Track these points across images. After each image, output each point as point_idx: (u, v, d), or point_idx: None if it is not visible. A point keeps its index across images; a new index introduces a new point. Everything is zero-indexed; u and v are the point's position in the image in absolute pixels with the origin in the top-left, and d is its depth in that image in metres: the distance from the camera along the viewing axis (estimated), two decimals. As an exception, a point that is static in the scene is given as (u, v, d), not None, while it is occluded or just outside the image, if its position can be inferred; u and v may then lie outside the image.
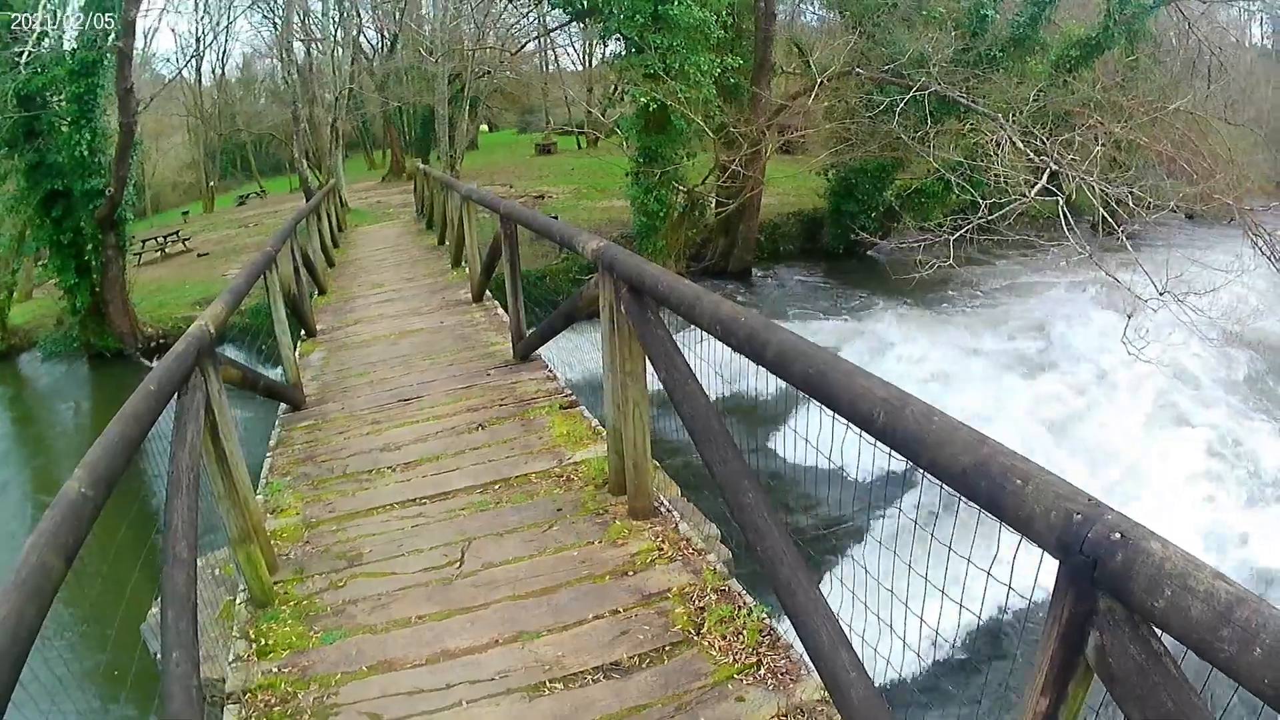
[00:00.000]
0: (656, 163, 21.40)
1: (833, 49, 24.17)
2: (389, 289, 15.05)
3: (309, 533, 5.92)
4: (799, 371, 3.09)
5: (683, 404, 4.35)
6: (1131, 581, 1.80)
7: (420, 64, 38.74)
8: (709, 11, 20.53)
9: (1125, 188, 17.75)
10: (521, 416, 7.71)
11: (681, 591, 4.78)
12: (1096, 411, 17.54)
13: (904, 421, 2.54)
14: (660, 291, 4.50)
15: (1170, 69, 29.83)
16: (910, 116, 21.03)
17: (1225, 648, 1.58)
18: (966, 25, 23.85)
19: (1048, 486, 2.06)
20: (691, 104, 20.60)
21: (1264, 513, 14.70)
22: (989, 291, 25.53)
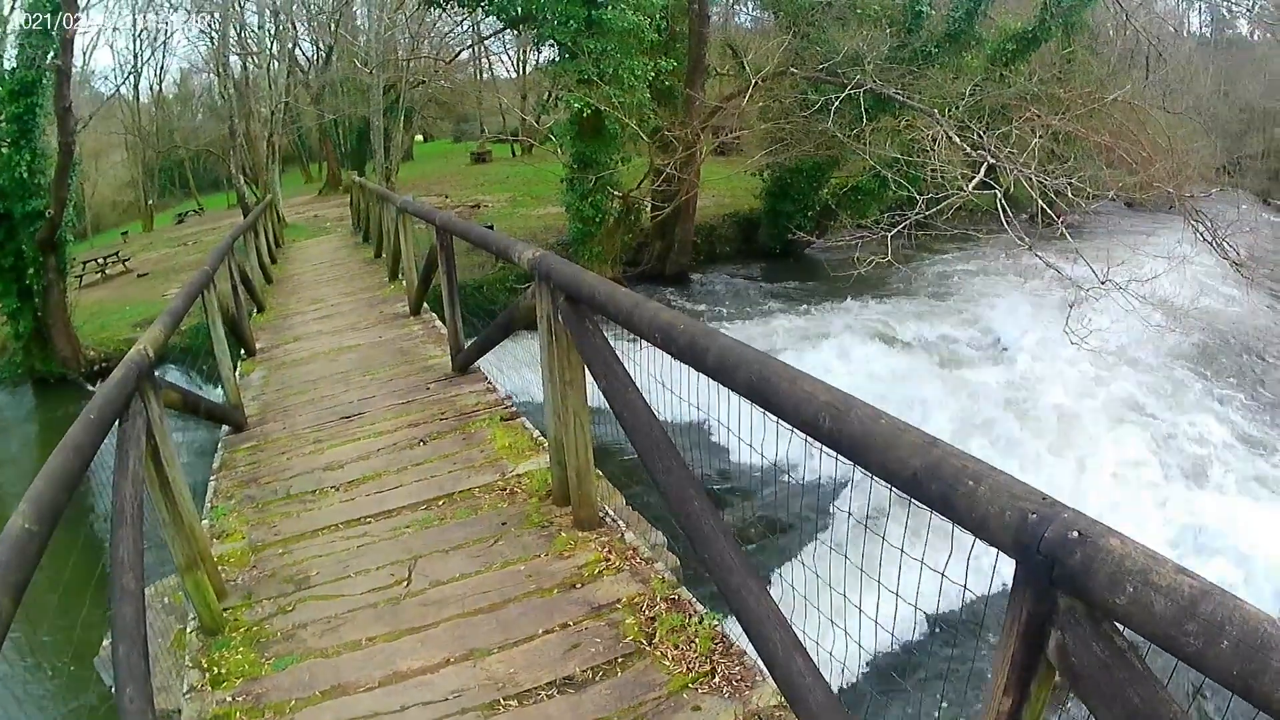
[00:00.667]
0: (591, 168, 21.15)
1: (767, 49, 24.09)
2: (327, 304, 14.86)
3: (255, 557, 5.80)
4: (741, 378, 3.04)
5: (623, 413, 4.35)
6: (1092, 580, 1.78)
7: (355, 75, 38.61)
8: (643, 15, 20.32)
9: (1064, 179, 17.79)
10: (462, 430, 7.62)
11: (631, 602, 4.74)
12: (1041, 403, 17.49)
13: (850, 425, 2.52)
14: (598, 300, 4.44)
15: (1108, 60, 30.10)
16: (846, 115, 20.96)
17: (1192, 642, 1.58)
18: (902, 22, 23.91)
19: (1001, 487, 2.04)
20: (626, 108, 20.39)
21: (1217, 499, 14.82)
22: (929, 286, 25.58)
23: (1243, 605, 1.56)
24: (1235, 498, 15.04)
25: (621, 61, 20.01)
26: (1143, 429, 16.91)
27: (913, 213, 17.31)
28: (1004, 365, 19.49)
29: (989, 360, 19.86)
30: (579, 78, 20.07)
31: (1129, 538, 1.79)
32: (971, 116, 19.92)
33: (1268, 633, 1.50)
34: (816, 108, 21.16)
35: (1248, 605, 1.57)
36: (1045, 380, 18.56)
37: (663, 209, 23.58)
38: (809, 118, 21.91)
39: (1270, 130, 52.38)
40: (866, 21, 23.43)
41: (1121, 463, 15.63)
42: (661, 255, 25.53)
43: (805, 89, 22.83)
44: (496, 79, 58.05)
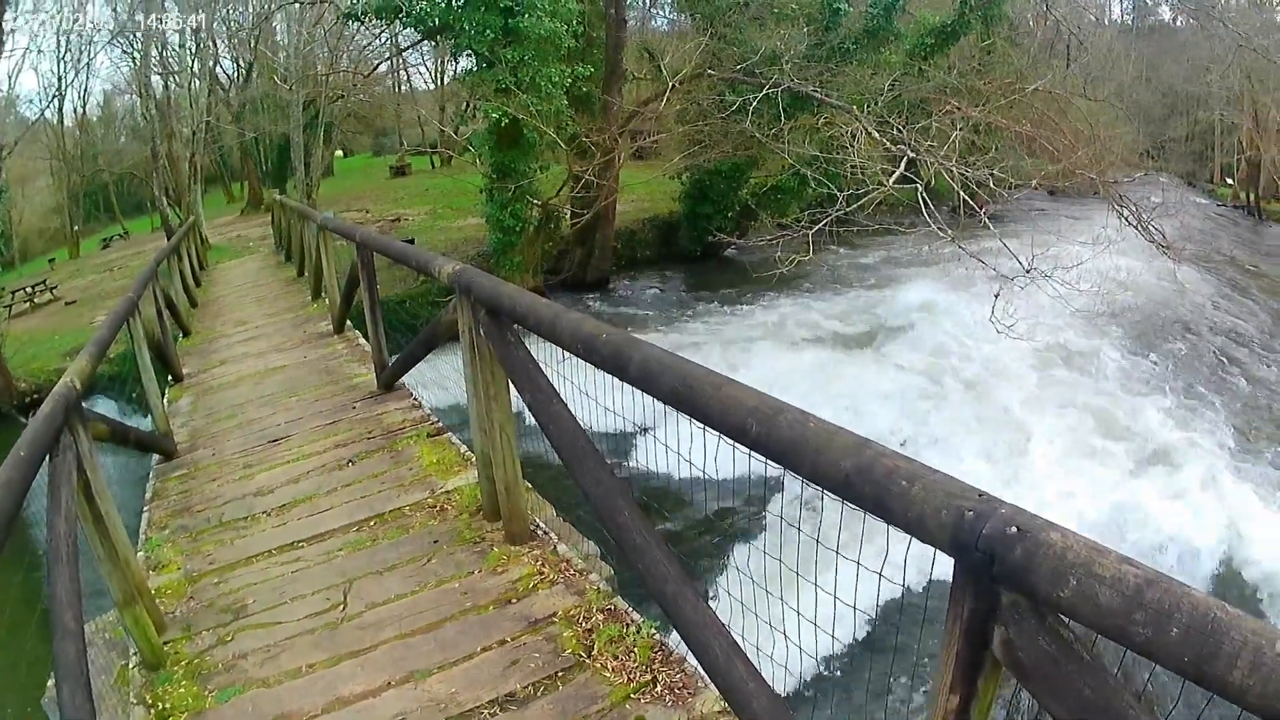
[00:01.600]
0: (510, 178, 20.93)
1: (684, 52, 24.15)
2: (252, 326, 14.64)
3: (192, 587, 5.65)
4: (666, 386, 3.02)
5: (549, 425, 4.31)
6: (1034, 574, 1.77)
7: (275, 92, 38.25)
8: (559, 22, 20.16)
9: (985, 170, 17.86)
10: (390, 448, 7.54)
11: (567, 614, 4.69)
12: (970, 394, 17.61)
13: (779, 430, 2.49)
14: (519, 312, 4.44)
15: (1028, 50, 30.34)
16: (764, 114, 20.88)
17: (1140, 631, 1.58)
18: (819, 20, 23.82)
19: (936, 485, 2.03)
20: (543, 116, 20.23)
21: (1153, 482, 14.91)
22: (851, 281, 25.61)
23: (1191, 592, 1.58)
24: (1165, 476, 15.18)
25: (539, 69, 19.86)
26: (1074, 415, 17.07)
27: (833, 209, 17.26)
28: (929, 355, 19.50)
29: (914, 351, 19.83)
30: (496, 87, 19.89)
31: (1070, 531, 1.78)
32: (891, 111, 20.00)
33: (1218, 618, 1.51)
34: (734, 108, 21.16)
35: (1196, 591, 1.59)
36: (974, 368, 18.70)
37: (582, 216, 23.45)
38: (727, 119, 21.89)
39: (1194, 114, 53.13)
40: (784, 20, 23.36)
41: (1056, 449, 15.81)
42: (582, 262, 25.39)
43: (723, 90, 22.81)
44: (415, 91, 57.86)
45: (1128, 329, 22.62)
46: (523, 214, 21.36)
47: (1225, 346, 23.25)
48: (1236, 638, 1.47)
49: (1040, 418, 16.75)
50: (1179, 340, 22.93)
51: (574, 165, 22.37)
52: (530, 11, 19.48)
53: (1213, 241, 35.55)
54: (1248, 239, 40.79)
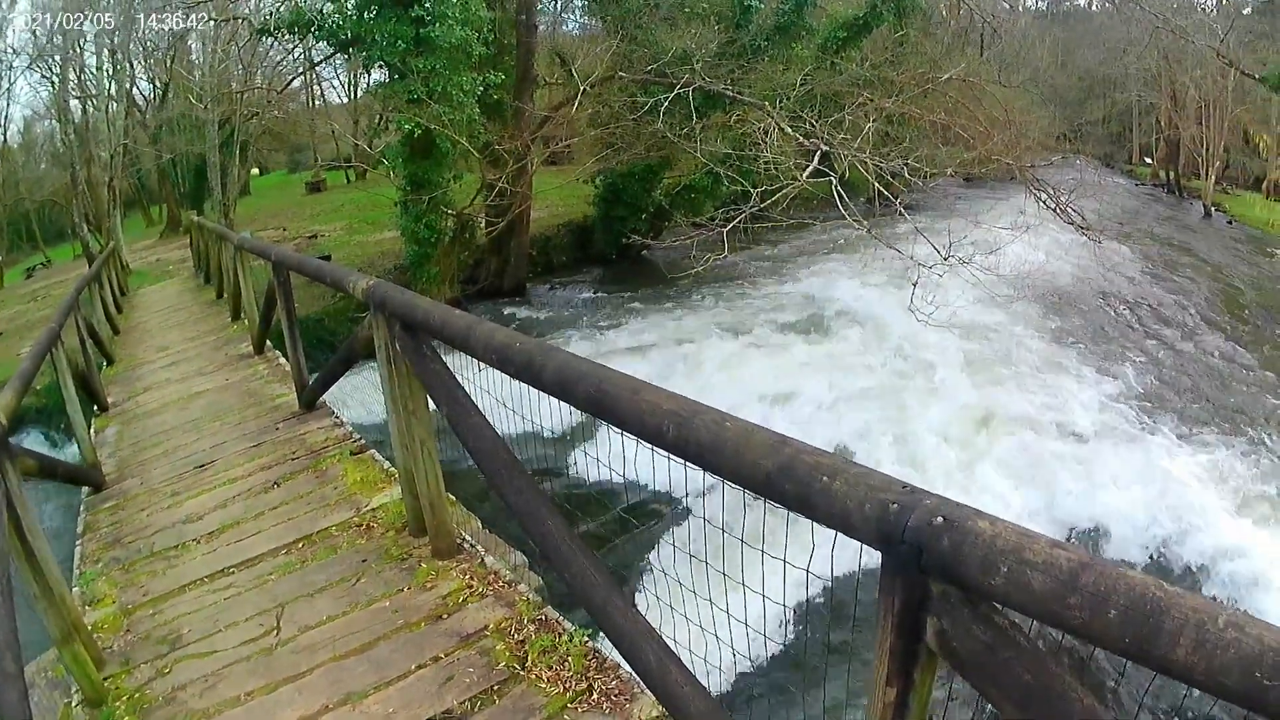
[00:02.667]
0: (424, 189, 20.75)
1: (595, 55, 24.09)
2: (174, 351, 14.53)
3: (128, 620, 5.59)
4: (581, 393, 3.04)
5: (468, 438, 4.34)
6: (963, 564, 1.78)
7: (191, 111, 37.91)
8: (470, 30, 20.03)
9: (899, 160, 17.87)
10: (314, 468, 7.53)
11: (499, 627, 4.72)
12: (895, 384, 17.63)
13: (696, 432, 2.50)
14: (433, 325, 4.46)
15: (942, 40, 30.50)
16: (675, 115, 20.89)
17: (1077, 614, 1.58)
18: (730, 18, 23.70)
19: (859, 479, 2.04)
20: (456, 126, 20.05)
21: (1084, 462, 14.98)
22: (768, 277, 25.56)
23: (1127, 573, 1.58)
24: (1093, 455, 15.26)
25: (450, 79, 19.68)
26: (1002, 399, 17.13)
27: (747, 206, 17.18)
28: (844, 346, 19.55)
29: (830, 341, 19.92)
30: (409, 98, 19.66)
31: (998, 518, 1.80)
32: (804, 106, 19.98)
33: (1156, 597, 1.52)
34: (646, 110, 21.15)
35: (1132, 572, 1.59)
36: (893, 359, 18.75)
37: (497, 224, 23.36)
38: (639, 120, 21.89)
39: (1111, 96, 53.96)
40: (695, 19, 23.23)
41: (985, 436, 15.81)
42: (499, 271, 25.27)
43: (634, 92, 22.79)
44: (329, 105, 57.41)
45: (1049, 310, 22.88)
46: (438, 225, 21.22)
47: (1147, 323, 23.60)
48: (1177, 616, 1.48)
49: (962, 404, 16.79)
50: (1098, 317, 23.26)
51: (487, 173, 22.30)
52: (441, 20, 19.27)
53: (1135, 220, 36.10)
54: (1169, 216, 41.44)
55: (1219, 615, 1.45)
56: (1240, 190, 47.68)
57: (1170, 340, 22.39)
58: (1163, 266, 30.03)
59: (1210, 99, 43.88)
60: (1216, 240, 36.92)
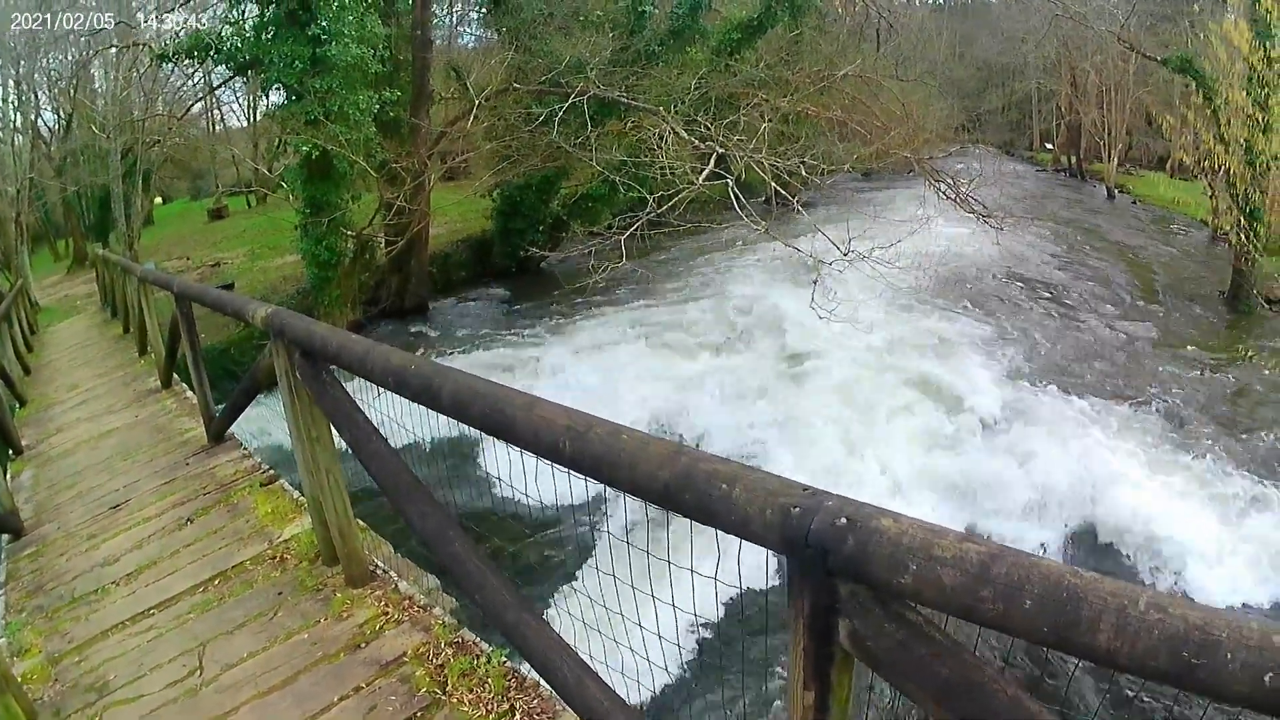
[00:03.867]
0: (323, 211, 20.60)
1: (490, 68, 24.01)
2: (84, 389, 14.23)
3: (55, 669, 5.46)
4: (477, 413, 3.06)
5: (371, 463, 4.36)
6: (870, 563, 1.79)
7: (95, 142, 37.29)
8: (366, 47, 19.96)
9: (796, 159, 17.82)
10: (225, 502, 7.47)
11: (417, 653, 4.68)
12: (801, 384, 17.80)
13: (591, 446, 2.52)
14: (330, 351, 4.44)
15: (838, 37, 30.66)
16: (570, 124, 20.86)
17: (990, 607, 1.59)
18: (625, 25, 23.86)
19: (757, 485, 2.04)
20: (353, 145, 19.93)
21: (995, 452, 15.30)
22: (668, 283, 25.68)
23: (1040, 562, 1.59)
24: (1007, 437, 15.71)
25: (347, 98, 19.58)
26: (908, 394, 17.41)
27: (644, 213, 17.12)
28: (754, 351, 19.64)
29: (735, 342, 20.13)
30: (307, 119, 19.52)
31: (903, 515, 1.80)
32: (698, 109, 19.99)
33: (1072, 584, 1.53)
34: (541, 120, 21.13)
35: (1046, 561, 1.60)
36: (799, 358, 18.88)
37: (396, 243, 23.26)
38: (534, 132, 21.84)
39: (1010, 85, 54.82)
40: (589, 28, 23.35)
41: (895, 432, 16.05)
42: (399, 290, 25.12)
43: (529, 103, 22.76)
44: (229, 130, 56.81)
45: (951, 298, 23.28)
46: (338, 247, 21.08)
47: (1050, 303, 24.02)
48: (1095, 602, 1.49)
49: (870, 400, 17.04)
50: (1002, 301, 23.67)
51: (385, 192, 22.24)
52: (338, 39, 19.18)
53: (1038, 205, 36.55)
54: (1072, 199, 42.14)
55: (1139, 598, 1.47)
56: (1144, 171, 48.60)
57: (1072, 318, 22.84)
58: (1066, 249, 30.54)
59: (1111, 83, 44.59)
60: (1120, 220, 37.62)
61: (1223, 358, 20.37)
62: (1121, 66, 42.63)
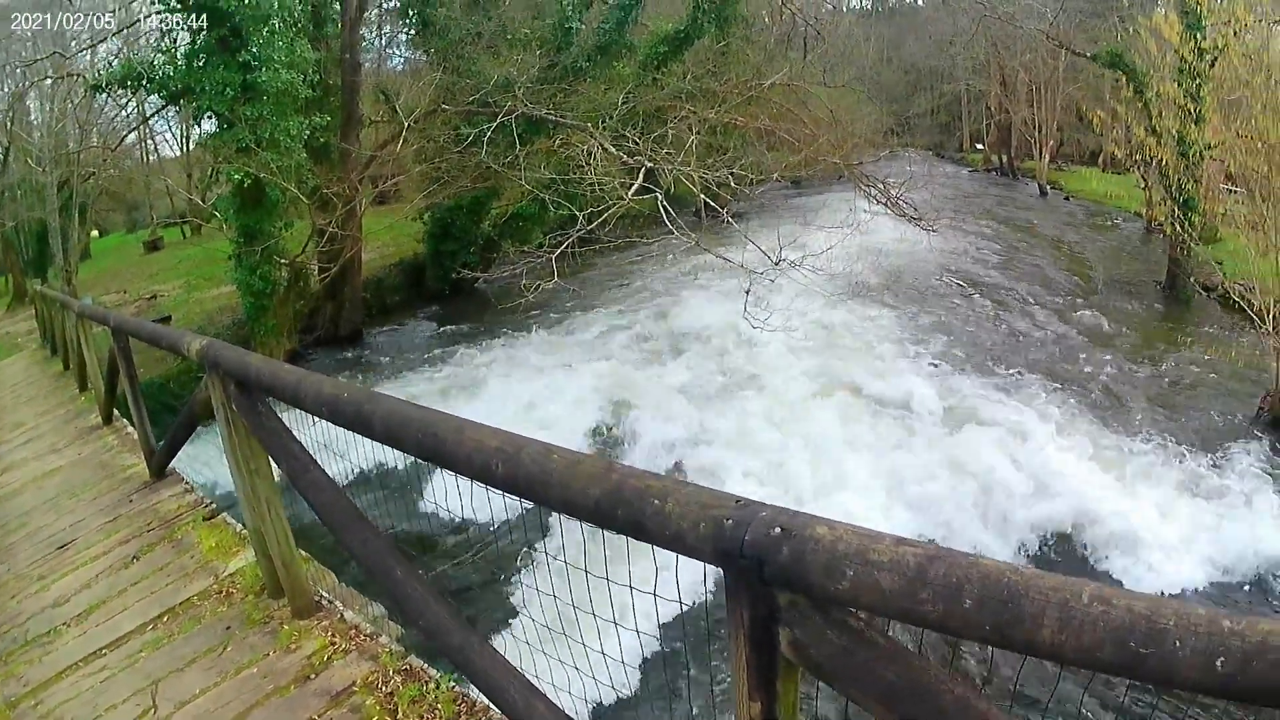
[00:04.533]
0: (257, 239, 20.44)
1: (419, 90, 23.93)
2: (28, 427, 13.99)
3: (14, 714, 5.39)
4: (411, 439, 3.05)
5: (308, 493, 4.33)
6: (807, 572, 1.78)
7: (31, 175, 36.94)
8: (296, 72, 19.88)
9: (725, 170, 17.98)
10: (170, 538, 7.38)
11: (366, 682, 4.64)
12: (738, 393, 17.83)
13: (523, 466, 2.52)
14: (264, 382, 4.45)
15: (764, 46, 30.79)
16: (499, 143, 20.89)
17: (931, 608, 1.59)
18: (552, 42, 23.81)
19: (689, 498, 2.04)
20: (284, 172, 19.83)
21: (935, 448, 15.47)
22: (599, 299, 25.66)
23: (979, 562, 1.60)
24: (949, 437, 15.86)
25: (277, 124, 19.51)
26: (845, 397, 17.54)
27: (574, 230, 17.18)
28: (688, 365, 19.67)
29: (670, 358, 20.11)
30: (238, 147, 19.43)
31: (838, 522, 1.81)
32: (626, 124, 20.16)
33: (1012, 581, 1.53)
34: (470, 141, 21.09)
35: (984, 560, 1.61)
36: (735, 369, 18.96)
37: (330, 269, 23.16)
38: (464, 152, 21.80)
39: (939, 87, 55.32)
40: (517, 46, 23.32)
41: (833, 435, 16.00)
42: (334, 317, 24.93)
43: (458, 124, 22.73)
44: (163, 160, 56.11)
45: (884, 301, 23.46)
46: (272, 276, 20.94)
47: (987, 301, 24.26)
48: (1036, 598, 1.49)
49: (808, 406, 17.16)
50: (935, 301, 23.88)
51: (317, 219, 22.10)
52: (268, 65, 19.14)
53: (969, 205, 36.86)
54: (1004, 198, 42.59)
55: (1082, 591, 1.48)
56: (1076, 166, 49.16)
57: (1009, 315, 23.09)
58: (1000, 247, 30.84)
59: (1041, 81, 45.16)
60: (1053, 216, 37.99)
61: (1161, 346, 20.71)
62: (1051, 64, 43.24)
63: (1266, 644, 1.33)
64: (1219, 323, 22.04)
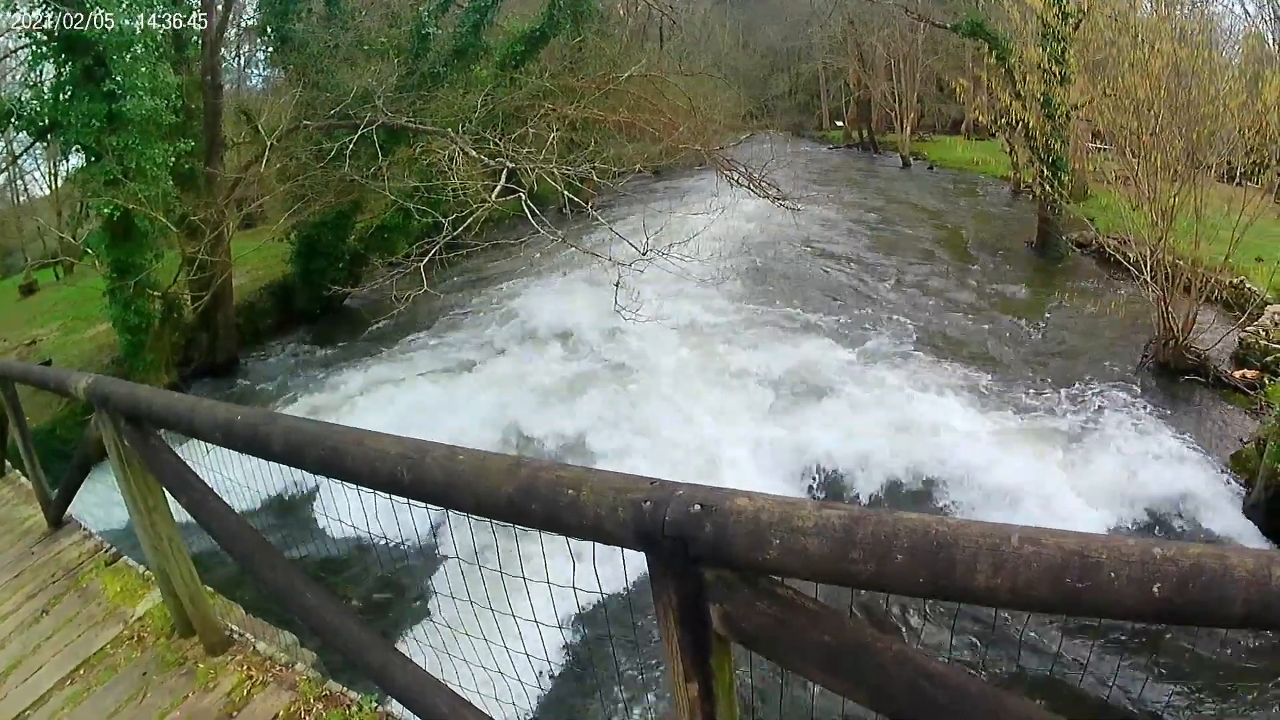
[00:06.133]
0: (129, 274, 19.97)
1: (280, 107, 23.71)
2: None
3: None
4: (311, 456, 2.99)
5: (210, 524, 4.24)
6: (732, 545, 1.79)
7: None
8: (160, 99, 19.53)
9: (587, 165, 18.16)
10: (76, 587, 7.24)
11: (289, 713, 4.63)
12: (620, 387, 18.00)
13: (430, 471, 2.48)
14: (155, 414, 4.38)
15: (621, 39, 31.03)
16: (361, 155, 20.66)
17: (862, 568, 1.62)
18: (410, 49, 23.79)
19: (604, 485, 2.04)
20: (152, 202, 19.50)
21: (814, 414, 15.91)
22: (470, 304, 25.63)
23: (904, 517, 1.63)
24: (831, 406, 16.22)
25: (143, 153, 19.17)
26: (724, 378, 17.94)
27: (440, 237, 17.06)
28: (566, 360, 19.85)
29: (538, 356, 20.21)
30: (105, 179, 19.14)
31: (758, 493, 1.81)
32: (486, 126, 20.06)
33: (940, 532, 1.57)
34: (331, 155, 20.97)
35: (909, 515, 1.64)
36: (613, 363, 19.20)
37: (201, 298, 22.75)
38: (326, 167, 21.67)
39: (795, 68, 56.05)
40: (374, 56, 23.27)
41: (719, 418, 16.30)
42: (210, 346, 24.44)
43: (319, 139, 22.60)
44: (34, 200, 54.66)
45: (756, 281, 23.81)
46: (146, 309, 20.55)
47: (856, 272, 24.81)
48: (967, 545, 1.54)
49: (691, 391, 17.46)
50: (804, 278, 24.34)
51: (186, 247, 21.78)
52: (132, 92, 18.81)
53: (831, 182, 37.46)
54: (866, 171, 43.38)
55: (1011, 535, 1.53)
56: (938, 136, 50.23)
57: (881, 284, 23.64)
58: (866, 220, 31.41)
59: (900, 54, 46.04)
60: (917, 186, 38.62)
61: (1039, 304, 21.39)
62: (910, 37, 44.03)
63: (1200, 566, 1.41)
64: (1095, 277, 22.63)
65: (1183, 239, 16.67)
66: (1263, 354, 16.33)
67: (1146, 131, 17.08)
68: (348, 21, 24.27)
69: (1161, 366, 16.83)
